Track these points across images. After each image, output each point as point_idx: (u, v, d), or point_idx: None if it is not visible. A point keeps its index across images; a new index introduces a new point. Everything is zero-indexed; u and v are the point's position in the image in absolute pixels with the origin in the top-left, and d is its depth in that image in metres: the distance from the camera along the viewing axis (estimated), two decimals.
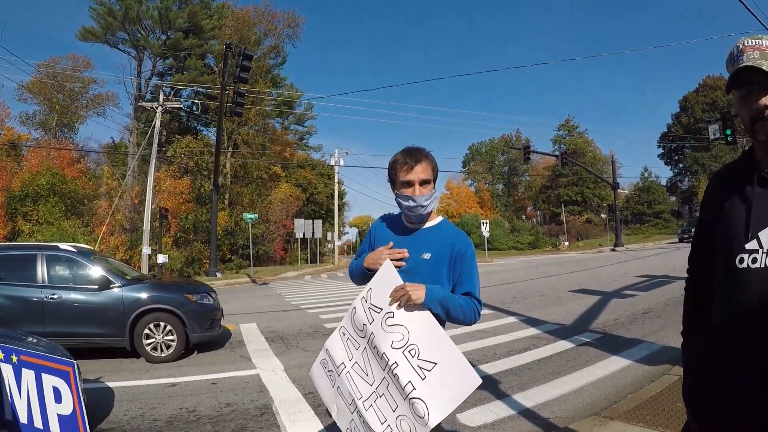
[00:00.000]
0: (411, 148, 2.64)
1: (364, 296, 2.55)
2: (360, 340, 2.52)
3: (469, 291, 2.54)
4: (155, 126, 29.28)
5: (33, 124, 49.24)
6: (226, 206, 41.48)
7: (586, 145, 72.68)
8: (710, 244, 1.79)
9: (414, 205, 2.53)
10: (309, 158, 61.34)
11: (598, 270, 22.52)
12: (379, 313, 2.43)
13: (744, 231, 1.61)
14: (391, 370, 2.31)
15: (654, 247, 41.60)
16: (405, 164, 2.55)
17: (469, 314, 2.50)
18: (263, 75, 46.75)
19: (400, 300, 2.36)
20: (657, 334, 8.80)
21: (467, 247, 2.61)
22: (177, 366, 8.10)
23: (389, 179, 2.68)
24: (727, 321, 1.65)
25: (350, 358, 2.55)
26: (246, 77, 22.98)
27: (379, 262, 2.55)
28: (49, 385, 4.01)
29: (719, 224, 1.72)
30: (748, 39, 1.64)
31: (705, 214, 1.87)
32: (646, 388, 5.71)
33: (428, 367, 2.24)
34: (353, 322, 2.58)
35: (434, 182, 2.62)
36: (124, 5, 42.17)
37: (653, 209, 68.90)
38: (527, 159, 42.29)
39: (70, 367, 3.98)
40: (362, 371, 2.47)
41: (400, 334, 2.35)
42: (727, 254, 1.65)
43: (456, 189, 77.23)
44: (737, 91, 1.64)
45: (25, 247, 10.92)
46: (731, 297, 1.64)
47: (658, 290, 14.28)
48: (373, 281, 2.52)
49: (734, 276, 1.62)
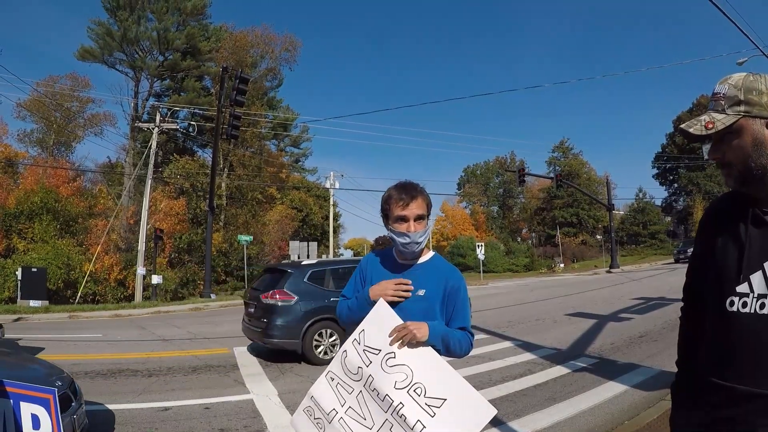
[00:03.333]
0: (405, 183, 2.64)
1: (356, 338, 2.49)
2: (354, 384, 2.45)
3: (463, 326, 2.58)
4: (151, 146, 29.38)
5: (30, 141, 49.27)
6: (221, 227, 41.39)
7: (581, 167, 72.86)
8: (702, 280, 1.77)
9: (408, 242, 2.54)
10: (304, 180, 61.40)
11: (594, 293, 22.48)
12: (377, 355, 2.39)
13: (735, 273, 1.60)
14: (396, 411, 2.27)
15: (650, 268, 41.58)
16: (400, 200, 2.55)
17: (465, 347, 2.57)
18: (260, 97, 46.86)
19: (403, 339, 2.34)
20: (654, 358, 8.77)
21: (460, 282, 2.63)
22: (170, 390, 8.02)
23: (382, 214, 2.68)
24: (713, 362, 1.65)
25: (342, 404, 2.47)
26: (242, 100, 23.05)
27: (385, 293, 2.53)
28: (28, 413, 4.00)
29: (712, 262, 1.71)
30: (717, 85, 1.64)
31: (698, 248, 1.86)
32: (643, 414, 5.69)
33: (437, 404, 2.22)
34: (344, 367, 2.51)
35: (428, 218, 2.63)
36: (123, 26, 42.46)
37: (648, 230, 68.89)
38: (522, 181, 42.34)
39: (51, 395, 3.97)
40: (358, 416, 2.40)
41: (403, 374, 2.31)
42: (718, 295, 1.64)
43: (451, 211, 77.26)
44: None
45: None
46: (720, 339, 1.64)
47: (654, 313, 14.26)
48: (366, 322, 2.49)
49: (724, 319, 1.62)
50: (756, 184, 1.59)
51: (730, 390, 1.57)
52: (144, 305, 24.17)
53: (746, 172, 1.58)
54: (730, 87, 1.58)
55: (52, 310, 21.23)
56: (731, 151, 1.59)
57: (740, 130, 1.56)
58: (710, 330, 1.69)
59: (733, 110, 1.57)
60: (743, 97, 1.56)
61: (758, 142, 1.54)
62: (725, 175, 1.64)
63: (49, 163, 39.98)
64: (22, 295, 22.88)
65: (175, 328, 15.76)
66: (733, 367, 1.58)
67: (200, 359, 10.47)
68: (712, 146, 1.64)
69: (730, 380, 1.58)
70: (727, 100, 1.58)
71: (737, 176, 1.61)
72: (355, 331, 2.52)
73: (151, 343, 12.93)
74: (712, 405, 1.64)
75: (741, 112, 1.55)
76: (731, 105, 1.57)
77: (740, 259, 1.59)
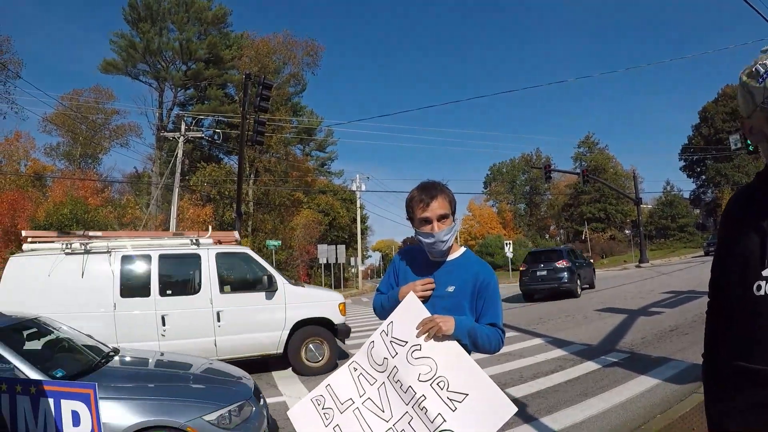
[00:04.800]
0: (426, 183, 2.65)
1: (384, 330, 2.51)
2: (378, 375, 2.47)
3: (493, 322, 2.56)
4: (177, 155, 29.67)
5: (57, 155, 50.22)
6: (249, 233, 41.67)
7: (607, 161, 72.17)
8: (728, 269, 1.75)
9: (434, 241, 2.55)
10: (331, 184, 61.57)
11: (624, 287, 22.27)
12: (403, 347, 2.41)
13: (760, 257, 1.58)
14: (418, 404, 2.29)
15: (679, 261, 41.05)
16: (421, 201, 2.56)
17: (495, 344, 2.52)
18: (283, 103, 47.11)
19: (429, 332, 2.36)
20: (685, 351, 8.69)
21: (490, 277, 2.62)
22: None
23: (407, 217, 2.70)
24: (743, 348, 1.63)
25: (361, 394, 2.49)
26: (266, 106, 23.20)
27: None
28: (68, 410, 4.09)
29: (736, 250, 1.69)
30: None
31: (721, 241, 1.83)
32: (676, 408, 5.65)
33: (459, 399, 2.22)
34: (370, 357, 2.53)
35: (453, 214, 2.63)
36: (146, 38, 43.15)
37: (677, 223, 67.82)
38: (548, 177, 42.15)
39: (91, 389, 4.06)
40: (377, 407, 2.42)
41: (427, 367, 2.33)
42: (744, 281, 1.62)
43: (478, 210, 77.09)
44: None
45: None
46: (748, 324, 1.61)
47: (684, 306, 14.08)
48: (395, 314, 2.51)
49: (751, 303, 1.59)
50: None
51: (761, 373, 1.55)
52: None
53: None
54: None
55: None
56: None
57: None
58: (738, 317, 1.66)
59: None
60: None
61: None
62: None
63: (77, 175, 40.67)
64: None
65: None
66: (763, 351, 1.56)
67: (232, 363, 10.58)
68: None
69: (760, 363, 1.56)
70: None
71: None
72: (384, 323, 2.55)
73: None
74: (744, 390, 1.62)
75: None
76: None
77: (764, 244, 1.58)
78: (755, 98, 1.56)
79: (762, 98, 1.52)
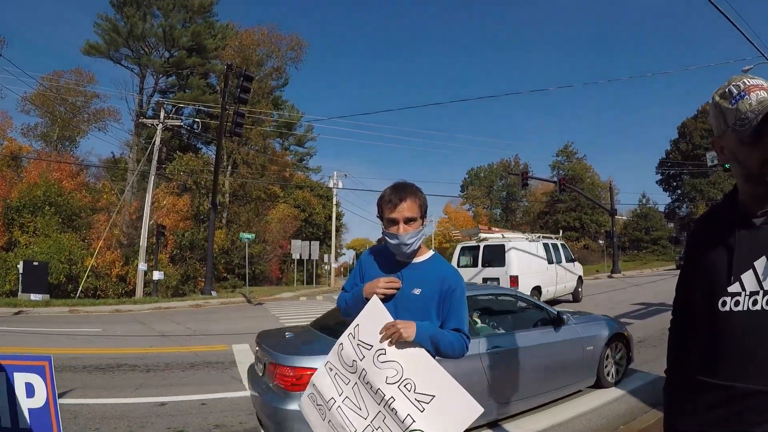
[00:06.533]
0: (398, 184, 2.62)
1: (351, 332, 2.53)
2: (350, 375, 2.50)
3: (458, 327, 2.55)
4: (155, 143, 29.38)
5: (34, 136, 49.44)
6: (224, 225, 41.43)
7: (585, 171, 72.76)
8: (693, 286, 1.78)
9: (398, 243, 2.53)
10: (308, 179, 61.35)
11: (595, 297, 22.46)
12: (369, 350, 2.43)
13: (726, 273, 1.61)
14: (387, 405, 2.32)
15: (651, 273, 41.48)
16: (390, 202, 2.54)
17: (459, 350, 2.52)
18: (265, 96, 46.91)
19: (391, 337, 2.35)
20: (652, 363, 8.77)
21: (457, 283, 2.60)
22: (168, 385, 8.04)
23: (377, 215, 2.68)
24: (706, 363, 1.65)
25: (340, 393, 2.53)
26: (246, 98, 23.11)
27: (374, 290, 2.54)
28: (22, 382, 4.14)
29: (702, 267, 1.71)
30: (746, 79, 1.58)
31: (688, 258, 1.86)
32: (639, 419, 5.68)
33: (426, 400, 2.26)
34: (341, 359, 2.56)
35: (423, 219, 2.61)
36: (130, 22, 42.53)
37: (651, 236, 68.85)
38: (525, 184, 42.28)
39: (46, 362, 4.14)
40: (355, 405, 2.45)
41: (394, 370, 2.35)
42: (710, 297, 1.65)
43: (454, 213, 77.22)
44: (741, 133, 1.53)
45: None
46: (713, 339, 1.63)
47: (654, 318, 14.27)
48: (360, 317, 2.52)
49: (716, 319, 1.62)
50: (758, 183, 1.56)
51: (725, 389, 1.57)
52: (144, 301, 24.21)
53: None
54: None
55: (53, 304, 21.30)
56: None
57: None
58: (702, 332, 1.68)
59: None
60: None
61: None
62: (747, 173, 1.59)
63: (53, 157, 40.05)
64: (23, 288, 22.92)
65: (175, 324, 15.78)
66: (727, 366, 1.58)
67: (198, 355, 10.48)
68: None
69: (724, 379, 1.58)
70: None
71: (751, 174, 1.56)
72: (350, 325, 2.56)
73: (150, 339, 12.95)
74: (707, 406, 1.64)
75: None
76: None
77: (730, 261, 1.60)
78: (727, 119, 1.57)
79: (734, 119, 1.54)
